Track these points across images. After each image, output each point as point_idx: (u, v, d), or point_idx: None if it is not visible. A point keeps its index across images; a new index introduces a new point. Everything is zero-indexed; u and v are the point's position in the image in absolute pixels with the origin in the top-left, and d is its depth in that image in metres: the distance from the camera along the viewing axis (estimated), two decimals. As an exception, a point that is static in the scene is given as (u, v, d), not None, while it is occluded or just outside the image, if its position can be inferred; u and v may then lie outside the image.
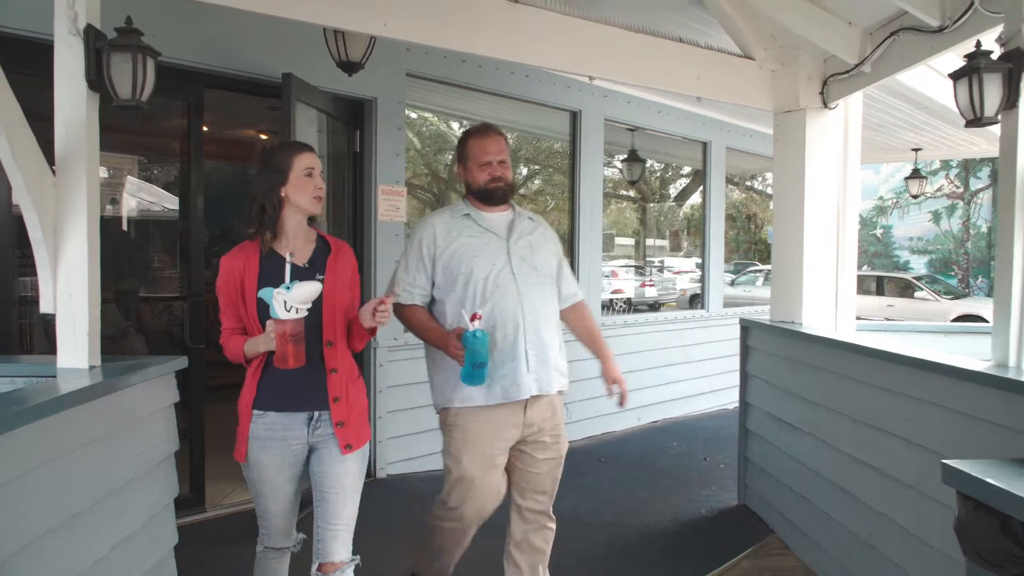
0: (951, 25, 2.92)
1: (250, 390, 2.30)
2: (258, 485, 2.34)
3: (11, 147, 2.07)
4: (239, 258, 2.29)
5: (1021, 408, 2.21)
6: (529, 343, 2.63)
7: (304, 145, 2.40)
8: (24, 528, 1.70)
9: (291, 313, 2.10)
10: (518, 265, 2.68)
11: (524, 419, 2.66)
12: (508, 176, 2.75)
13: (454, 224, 2.73)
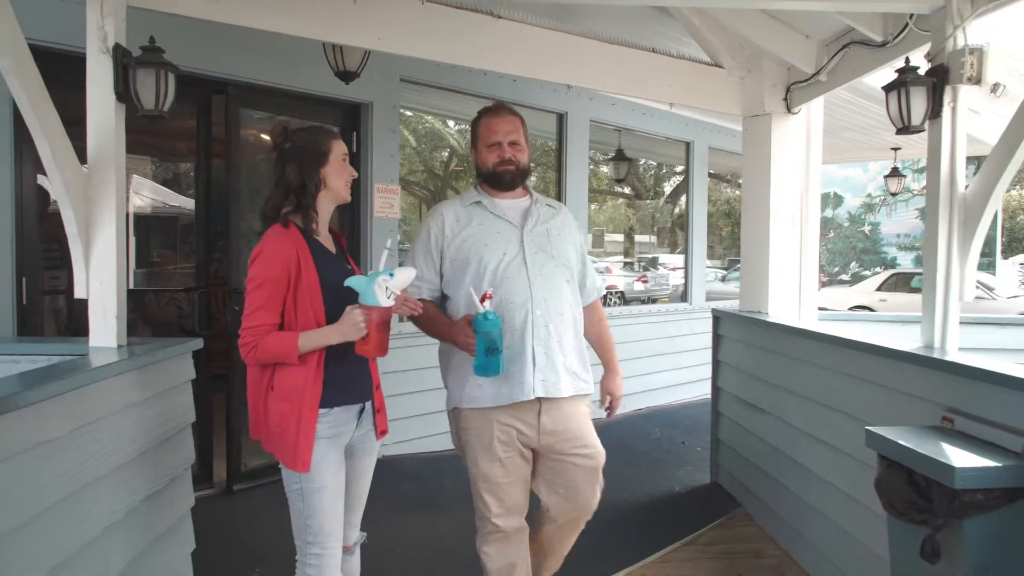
0: (892, 40, 3.23)
1: (314, 388, 2.12)
2: (318, 495, 2.13)
3: (52, 153, 2.37)
4: (289, 246, 2.13)
5: (941, 383, 2.52)
6: (538, 339, 2.44)
7: (336, 132, 2.41)
8: (77, 476, 2.01)
9: (390, 300, 2.07)
10: (532, 254, 2.49)
11: (539, 424, 2.47)
12: (521, 159, 2.56)
13: (464, 213, 2.57)
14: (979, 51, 2.63)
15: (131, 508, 2.33)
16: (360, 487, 2.36)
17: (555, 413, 2.49)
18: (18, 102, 2.29)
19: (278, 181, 2.21)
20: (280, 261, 2.10)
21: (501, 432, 2.46)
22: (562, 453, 2.51)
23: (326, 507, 2.15)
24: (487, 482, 2.50)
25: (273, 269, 2.09)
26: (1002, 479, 2.02)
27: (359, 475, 2.34)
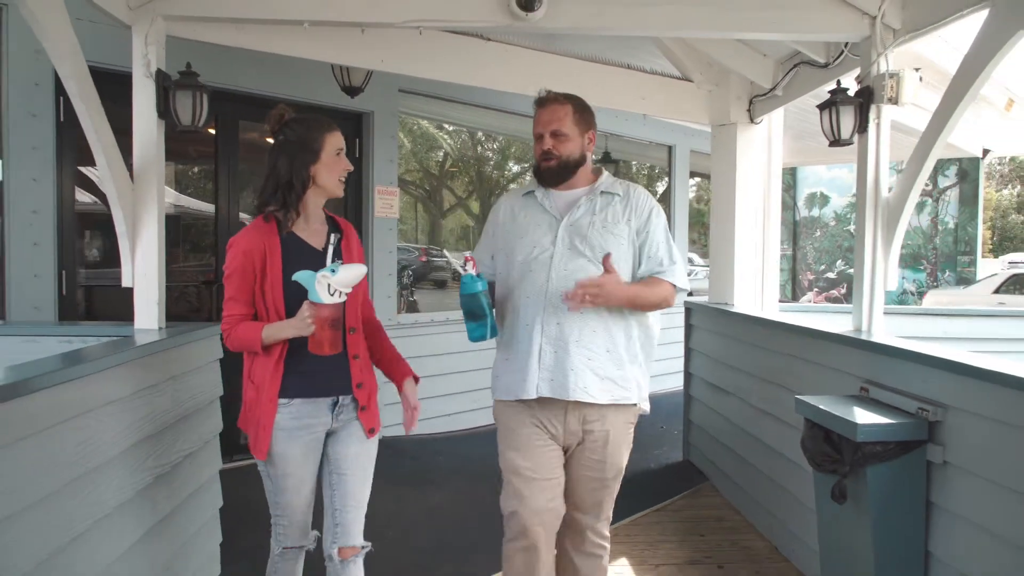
0: (833, 63, 3.67)
1: (274, 379, 2.18)
2: (282, 480, 2.23)
3: (108, 164, 2.80)
4: (257, 240, 2.17)
5: (860, 359, 2.96)
6: (546, 337, 2.30)
7: (332, 123, 2.29)
8: (137, 431, 2.44)
9: (334, 297, 2.05)
10: (563, 248, 2.33)
11: (565, 422, 2.35)
12: (563, 149, 2.36)
13: (518, 204, 2.48)
14: (897, 75, 3.07)
15: (175, 463, 2.76)
16: (353, 477, 2.31)
17: (584, 415, 2.34)
18: (80, 120, 2.72)
19: (269, 174, 2.20)
20: (243, 253, 2.14)
21: (528, 424, 2.37)
22: (579, 451, 2.40)
23: (290, 489, 2.24)
24: (513, 473, 2.39)
25: (237, 261, 2.15)
26: (897, 434, 2.47)
27: (348, 463, 2.30)
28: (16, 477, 1.79)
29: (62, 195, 4.03)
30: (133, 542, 2.43)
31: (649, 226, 2.39)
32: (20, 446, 1.82)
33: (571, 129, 2.36)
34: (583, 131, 2.40)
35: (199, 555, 3.08)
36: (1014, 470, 2.11)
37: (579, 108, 2.41)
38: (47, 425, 1.95)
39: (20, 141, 3.85)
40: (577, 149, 2.38)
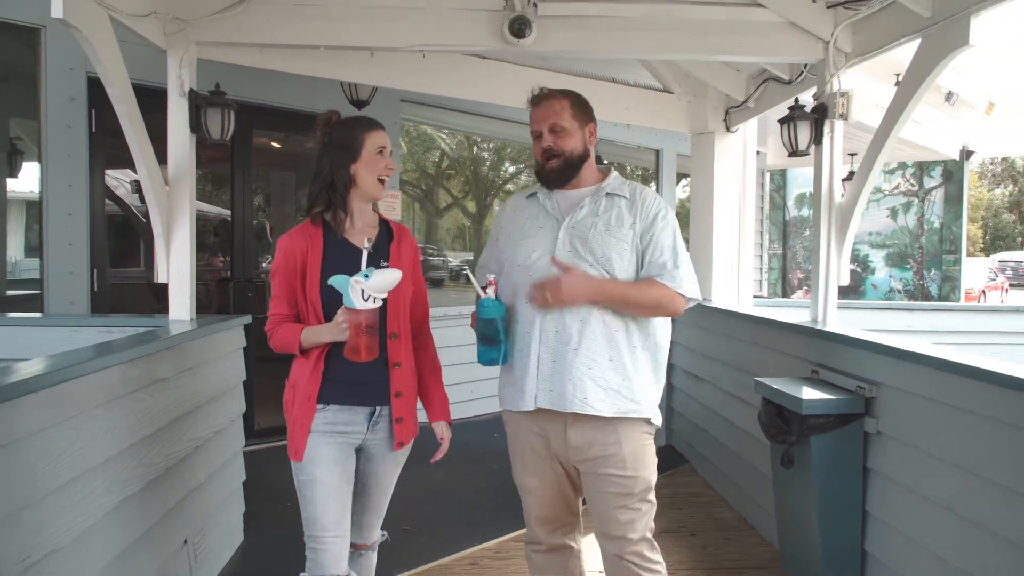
0: (796, 80, 4.05)
1: (312, 382, 2.14)
2: (309, 488, 2.15)
3: (147, 174, 3.17)
4: (300, 240, 2.16)
5: (812, 346, 3.35)
6: (544, 345, 2.17)
7: (375, 122, 2.26)
8: (177, 407, 2.81)
9: (368, 303, 1.99)
10: (564, 251, 2.18)
11: (565, 437, 2.20)
12: (566, 144, 2.22)
13: (522, 205, 2.37)
14: (848, 95, 3.44)
15: (207, 438, 3.13)
16: (377, 492, 2.33)
17: (583, 428, 2.18)
18: (126, 136, 3.07)
19: (314, 175, 2.20)
20: (284, 252, 2.15)
21: (532, 438, 2.27)
22: (591, 467, 2.22)
23: (318, 500, 2.14)
24: (522, 490, 2.35)
25: (279, 259, 2.16)
26: (837, 408, 2.85)
27: (376, 480, 2.31)
28: (92, 439, 2.17)
29: (94, 199, 4.40)
30: (175, 503, 2.81)
31: (654, 229, 2.21)
32: (94, 412, 2.20)
33: (570, 123, 2.23)
34: (583, 124, 2.27)
35: (226, 522, 3.46)
36: (935, 437, 2.49)
37: (576, 101, 2.29)
38: (116, 396, 2.33)
39: (57, 150, 4.23)
40: (579, 143, 2.24)
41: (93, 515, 2.17)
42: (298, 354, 2.16)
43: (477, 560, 3.50)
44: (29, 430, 1.87)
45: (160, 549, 2.68)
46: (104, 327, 3.40)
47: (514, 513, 3.96)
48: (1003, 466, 2.16)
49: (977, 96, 8.95)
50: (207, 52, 3.43)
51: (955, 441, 2.39)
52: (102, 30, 2.78)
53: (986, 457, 2.24)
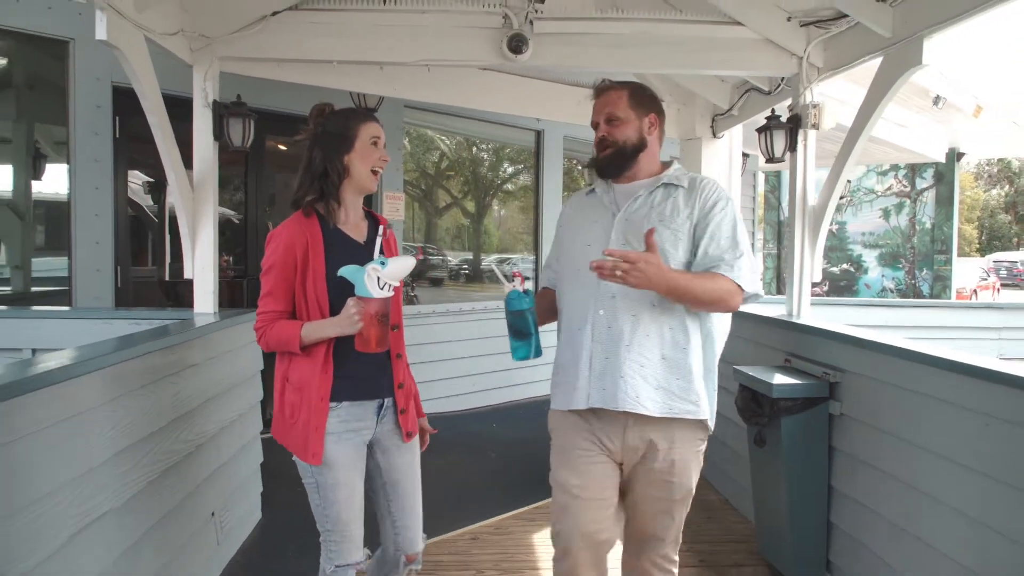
0: (774, 91, 4.34)
1: (323, 381, 2.09)
2: (332, 491, 2.12)
3: (176, 179, 3.46)
4: (298, 232, 2.09)
5: (786, 337, 3.64)
6: (596, 342, 2.11)
7: (369, 113, 2.24)
8: (206, 391, 3.10)
9: (384, 291, 1.97)
10: (616, 245, 2.12)
11: (624, 439, 2.13)
12: (618, 134, 2.17)
13: (582, 202, 2.34)
14: (819, 106, 3.74)
15: (232, 420, 3.42)
16: (406, 484, 2.28)
17: (642, 429, 2.11)
18: (156, 141, 3.35)
19: (305, 167, 2.15)
20: (284, 247, 2.07)
21: (581, 438, 2.18)
22: (640, 471, 2.17)
23: (342, 501, 2.12)
24: (561, 491, 2.22)
25: (277, 255, 2.07)
26: (804, 392, 3.14)
27: (399, 475, 2.27)
28: (139, 415, 2.46)
29: (117, 201, 4.69)
30: (204, 478, 3.09)
31: (711, 218, 2.12)
32: (139, 392, 2.49)
33: (626, 112, 2.18)
34: (641, 114, 2.20)
35: (247, 500, 3.75)
36: (891, 418, 2.78)
37: (636, 91, 2.23)
38: (157, 378, 2.63)
39: (85, 155, 4.52)
40: (634, 133, 2.18)
41: (138, 484, 2.46)
42: (298, 352, 2.07)
43: (477, 535, 3.78)
44: (88, 406, 2.16)
45: (191, 519, 2.97)
46: (133, 320, 3.68)
47: (512, 495, 4.30)
48: (949, 442, 2.44)
49: (965, 99, 9.24)
50: (229, 66, 3.72)
51: (908, 421, 2.67)
52: (138, 49, 3.06)
53: (935, 434, 2.52)
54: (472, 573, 3.34)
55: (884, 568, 2.78)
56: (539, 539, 3.75)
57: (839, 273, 19.80)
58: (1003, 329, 5.68)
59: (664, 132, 2.30)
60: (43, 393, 1.90)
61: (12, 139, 5.12)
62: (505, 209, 8.62)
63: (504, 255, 8.51)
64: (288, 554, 3.50)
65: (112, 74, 4.53)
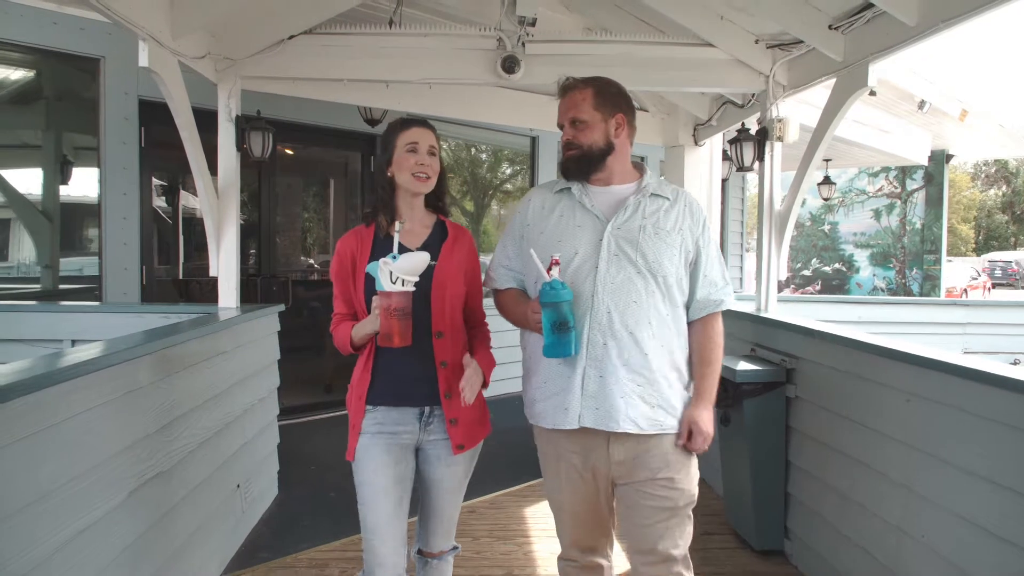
0: (747, 105, 4.73)
1: (362, 382, 2.17)
2: (360, 488, 2.17)
3: (203, 186, 3.85)
4: (352, 241, 2.22)
5: (753, 329, 4.03)
6: (590, 359, 2.05)
7: (412, 121, 2.24)
8: (205, 387, 3.47)
9: (397, 285, 1.98)
10: (610, 255, 2.07)
11: (609, 453, 2.09)
12: (583, 139, 2.11)
13: (551, 200, 2.21)
14: (784, 120, 4.13)
15: (253, 403, 3.82)
16: (438, 496, 2.27)
17: (627, 443, 2.09)
18: (187, 153, 3.73)
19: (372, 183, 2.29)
20: (338, 254, 2.22)
21: (569, 455, 2.14)
22: (634, 481, 2.12)
23: (367, 501, 2.15)
24: (557, 508, 2.23)
25: (335, 263, 2.23)
26: (764, 377, 3.53)
27: (435, 484, 2.26)
28: (184, 394, 2.85)
29: (143, 205, 5.09)
30: (232, 453, 3.49)
31: (704, 238, 2.16)
32: (183, 373, 2.88)
33: (591, 114, 2.11)
34: (607, 115, 2.13)
35: (266, 476, 4.15)
36: (837, 399, 3.16)
37: (601, 91, 2.16)
38: (196, 361, 3.02)
39: (114, 163, 4.92)
40: (600, 136, 2.12)
41: (180, 453, 2.85)
42: (352, 351, 2.19)
43: (475, 509, 4.17)
44: (149, 381, 2.56)
45: (220, 488, 3.36)
46: (162, 313, 4.08)
47: (507, 475, 4.68)
48: (880, 418, 2.83)
49: (950, 104, 9.63)
50: (250, 84, 4.11)
51: (849, 401, 3.06)
52: (173, 72, 3.45)
53: (869, 412, 2.91)
54: (469, 540, 3.72)
55: (833, 532, 3.17)
56: (529, 512, 4.15)
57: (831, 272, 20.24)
58: (967, 324, 6.07)
59: (635, 130, 2.24)
60: (104, 373, 2.28)
61: (42, 145, 5.53)
62: (504, 209, 8.97)
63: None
64: (303, 525, 3.89)
65: (138, 89, 4.93)
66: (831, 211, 20.97)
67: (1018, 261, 36.44)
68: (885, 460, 2.79)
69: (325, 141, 6.02)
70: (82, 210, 5.57)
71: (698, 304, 2.18)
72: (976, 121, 10.80)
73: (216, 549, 3.29)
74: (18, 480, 1.81)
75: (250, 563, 3.44)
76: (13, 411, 1.78)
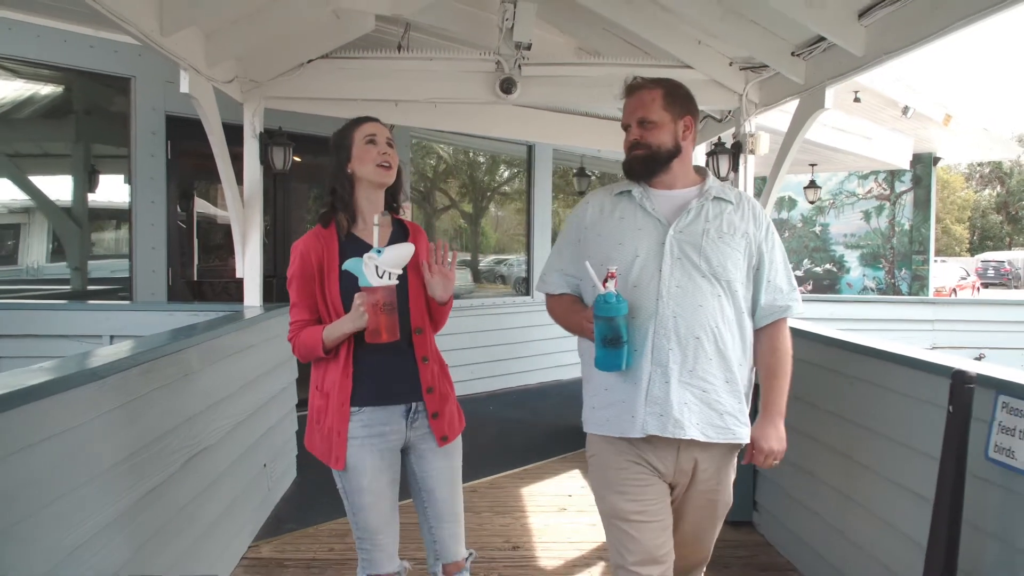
0: (725, 119, 5.17)
1: (343, 386, 2.11)
2: (358, 495, 2.14)
3: (231, 197, 4.27)
4: (314, 242, 2.14)
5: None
6: (657, 365, 1.99)
7: (365, 117, 2.25)
8: (239, 376, 3.89)
9: (384, 279, 1.97)
10: (673, 259, 2.02)
11: (677, 461, 2.06)
12: (652, 138, 2.07)
13: (610, 203, 2.16)
14: (756, 135, 4.56)
15: (277, 392, 4.24)
16: (442, 491, 2.25)
17: (693, 451, 2.05)
18: (218, 167, 4.16)
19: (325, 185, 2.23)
20: (300, 256, 2.13)
21: (631, 464, 2.08)
22: (690, 491, 2.12)
23: (367, 506, 2.14)
24: (619, 520, 2.10)
25: (296, 264, 2.14)
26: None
27: (434, 482, 2.24)
28: (213, 383, 3.28)
29: (169, 213, 5.51)
30: (260, 435, 3.91)
31: (768, 243, 2.12)
32: (223, 363, 3.31)
33: (660, 115, 2.08)
34: (676, 117, 2.11)
35: (287, 459, 4.57)
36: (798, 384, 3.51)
37: (671, 92, 2.13)
38: (232, 352, 3.45)
39: (143, 174, 5.35)
40: (669, 138, 2.09)
41: (221, 432, 3.27)
42: (323, 355, 2.12)
43: (476, 488, 4.59)
44: (196, 368, 2.98)
45: (251, 466, 3.79)
46: (192, 311, 4.49)
47: (506, 460, 5.12)
48: (832, 399, 3.26)
49: (934, 109, 10.07)
50: (272, 103, 4.53)
51: (807, 386, 3.47)
52: (208, 96, 3.88)
53: (819, 394, 3.34)
54: (471, 515, 4.13)
55: (792, 501, 3.60)
56: (524, 492, 4.58)
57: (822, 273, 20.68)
58: (936, 321, 6.50)
59: (698, 134, 2.26)
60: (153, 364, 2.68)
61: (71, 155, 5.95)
62: (502, 211, 9.35)
63: (501, 256, 9.28)
64: (322, 503, 4.30)
65: (165, 105, 5.36)
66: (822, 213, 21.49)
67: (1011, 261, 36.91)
68: (832, 435, 3.22)
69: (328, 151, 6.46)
70: (109, 215, 6.00)
71: (763, 311, 2.14)
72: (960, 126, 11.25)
73: (248, 520, 3.71)
74: (114, 440, 2.24)
75: (276, 533, 3.86)
76: (120, 382, 2.21)
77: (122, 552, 2.28)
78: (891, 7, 3.13)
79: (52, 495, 1.92)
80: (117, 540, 2.25)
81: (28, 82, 5.42)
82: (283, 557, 3.57)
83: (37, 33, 4.97)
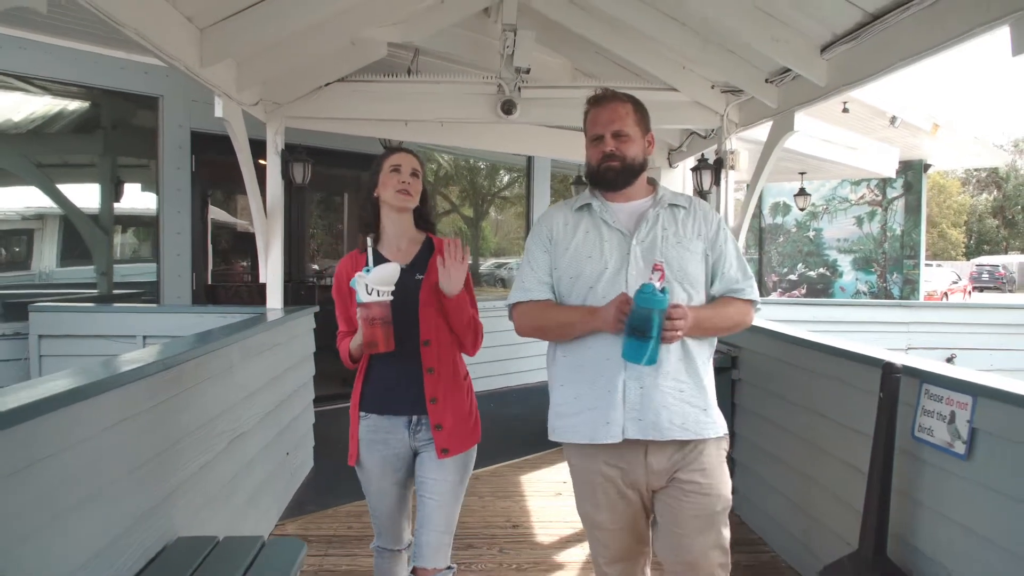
0: (710, 135, 5.58)
1: (355, 392, 2.36)
2: (365, 487, 2.41)
3: (256, 208, 4.68)
4: (347, 263, 2.38)
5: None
6: (630, 371, 2.03)
7: (396, 148, 2.45)
8: (269, 371, 4.30)
9: (373, 296, 2.10)
10: (638, 269, 2.09)
11: (647, 464, 2.09)
12: (627, 151, 2.14)
13: (572, 218, 2.22)
14: (736, 152, 4.97)
15: (297, 388, 4.65)
16: (430, 508, 2.31)
17: (665, 451, 2.09)
18: (245, 180, 4.55)
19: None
20: (336, 279, 2.40)
21: (607, 470, 2.13)
22: (673, 492, 2.12)
23: (372, 496, 2.42)
24: (593, 527, 2.22)
25: (334, 286, 2.42)
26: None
27: (426, 491, 2.32)
28: (256, 373, 3.69)
29: (194, 222, 5.93)
30: (284, 426, 4.31)
31: (719, 239, 2.19)
32: (255, 359, 3.72)
33: (633, 129, 2.16)
34: (643, 132, 2.22)
35: (306, 449, 4.98)
36: (768, 379, 4.00)
37: (639, 108, 2.22)
38: (263, 349, 3.86)
39: (170, 185, 5.77)
40: (640, 152, 2.18)
41: (253, 421, 3.67)
42: (352, 364, 2.38)
43: (478, 476, 4.97)
44: (234, 365, 3.39)
45: (276, 453, 4.19)
46: (219, 313, 4.90)
47: (507, 452, 5.50)
48: (798, 391, 3.66)
49: (922, 119, 10.47)
50: (292, 123, 4.94)
51: (776, 380, 3.90)
52: (237, 118, 4.29)
53: (788, 387, 3.75)
54: (475, 499, 4.54)
55: (762, 484, 4.00)
56: (524, 479, 4.99)
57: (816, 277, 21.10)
58: (911, 324, 6.90)
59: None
60: (205, 357, 3.09)
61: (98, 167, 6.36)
62: (501, 215, 9.71)
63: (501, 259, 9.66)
64: (339, 489, 4.70)
65: (190, 122, 5.78)
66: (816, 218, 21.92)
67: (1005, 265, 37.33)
68: (797, 423, 3.62)
69: (349, 163, 6.87)
70: (133, 222, 6.41)
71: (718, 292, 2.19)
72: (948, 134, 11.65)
73: (274, 501, 4.12)
74: (183, 418, 2.65)
75: (299, 513, 4.27)
76: (179, 372, 2.63)
77: (183, 515, 2.68)
78: (847, 44, 3.53)
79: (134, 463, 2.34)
80: (180, 504, 2.66)
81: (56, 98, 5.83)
82: (307, 533, 3.97)
83: (73, 56, 5.39)
